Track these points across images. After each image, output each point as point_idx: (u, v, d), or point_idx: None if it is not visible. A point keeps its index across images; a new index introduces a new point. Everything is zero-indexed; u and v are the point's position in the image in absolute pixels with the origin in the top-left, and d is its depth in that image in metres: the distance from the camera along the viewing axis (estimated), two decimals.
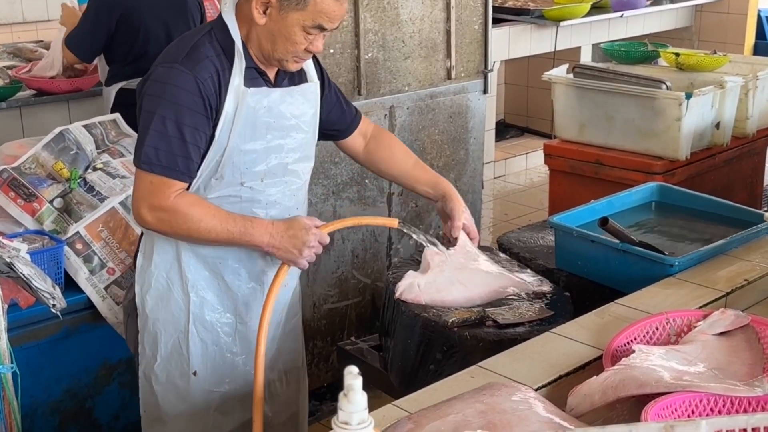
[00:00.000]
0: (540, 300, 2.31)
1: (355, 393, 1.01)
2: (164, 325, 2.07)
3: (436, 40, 3.41)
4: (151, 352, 2.10)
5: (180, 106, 1.88)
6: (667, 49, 4.39)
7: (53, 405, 2.74)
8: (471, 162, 3.66)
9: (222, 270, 2.05)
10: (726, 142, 3.94)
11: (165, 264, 2.05)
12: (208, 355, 2.08)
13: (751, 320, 1.84)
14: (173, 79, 1.89)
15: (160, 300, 2.06)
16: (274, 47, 1.94)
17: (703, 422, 1.28)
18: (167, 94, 1.89)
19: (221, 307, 2.08)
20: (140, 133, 1.94)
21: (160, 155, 1.89)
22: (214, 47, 1.94)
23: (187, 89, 1.88)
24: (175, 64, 1.90)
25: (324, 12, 1.89)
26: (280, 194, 2.07)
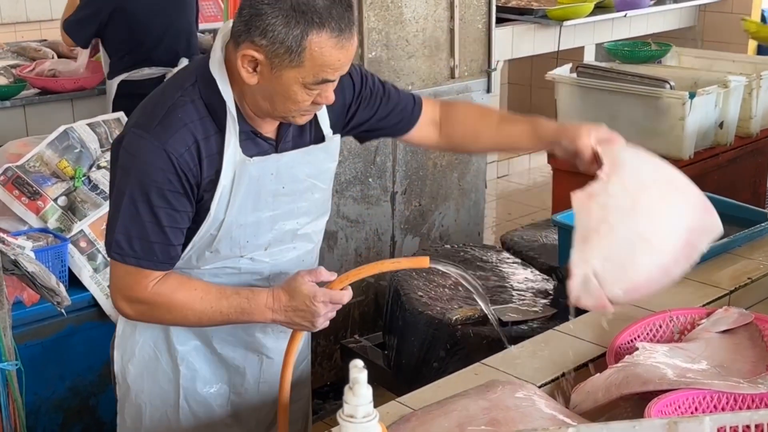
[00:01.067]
0: (543, 298, 2.32)
1: (360, 386, 1.01)
2: (150, 398, 1.85)
3: (440, 39, 3.41)
4: (134, 424, 1.88)
5: (150, 185, 1.60)
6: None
7: (57, 402, 2.75)
8: (474, 161, 3.66)
9: (212, 340, 1.83)
10: (729, 142, 3.93)
11: (152, 332, 1.82)
12: (202, 430, 1.87)
13: (754, 318, 1.84)
14: (142, 152, 1.60)
15: (146, 371, 1.84)
16: (274, 106, 1.63)
17: (707, 419, 1.29)
18: (135, 170, 1.61)
19: (214, 378, 1.86)
20: (110, 214, 1.68)
21: (133, 243, 1.64)
22: (197, 108, 1.63)
23: (158, 166, 1.60)
24: (145, 134, 1.61)
25: (326, 64, 1.57)
26: (287, 263, 1.80)
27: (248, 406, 1.88)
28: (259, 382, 1.89)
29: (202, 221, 1.68)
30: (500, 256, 2.70)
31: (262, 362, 1.87)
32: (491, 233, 4.99)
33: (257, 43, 1.56)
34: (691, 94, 3.64)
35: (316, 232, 1.86)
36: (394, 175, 3.39)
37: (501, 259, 2.68)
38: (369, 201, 3.34)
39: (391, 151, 3.36)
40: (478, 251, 2.75)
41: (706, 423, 1.28)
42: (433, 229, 3.57)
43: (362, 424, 1.03)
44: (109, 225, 1.68)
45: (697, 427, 1.28)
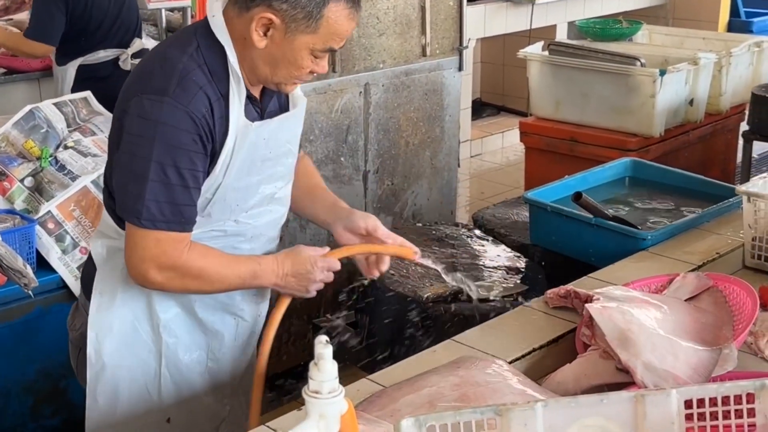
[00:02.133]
0: (515, 274, 2.33)
1: (325, 362, 1.01)
2: (129, 372, 1.84)
3: (411, 17, 3.39)
4: (107, 404, 1.86)
5: (178, 148, 1.63)
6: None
7: (27, 385, 2.72)
8: (447, 140, 3.66)
9: (194, 305, 1.85)
10: (700, 119, 3.96)
11: (131, 305, 1.82)
12: (183, 399, 1.89)
13: (713, 282, 1.86)
14: (166, 116, 1.62)
15: (124, 345, 1.83)
16: (275, 71, 1.69)
17: (674, 392, 1.29)
18: (161, 134, 1.62)
19: (194, 345, 1.88)
20: (133, 182, 1.66)
21: (163, 209, 1.65)
22: (204, 73, 1.66)
23: (184, 128, 1.63)
24: (166, 98, 1.62)
25: (337, 33, 1.66)
26: (265, 225, 1.86)
27: (223, 371, 1.92)
28: (234, 345, 1.93)
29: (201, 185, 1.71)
30: (471, 234, 2.71)
31: (237, 325, 1.91)
32: (465, 212, 4.99)
33: (275, 7, 1.62)
34: (661, 71, 3.66)
35: (287, 197, 1.91)
36: (366, 154, 3.38)
37: (472, 237, 2.69)
38: (341, 180, 3.33)
39: (363, 130, 3.35)
40: (449, 229, 2.75)
41: (672, 396, 1.29)
42: (405, 208, 3.57)
43: (328, 399, 1.02)
44: (133, 194, 1.66)
45: (665, 400, 1.28)
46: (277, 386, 3.39)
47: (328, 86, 3.19)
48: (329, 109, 3.21)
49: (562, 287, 1.96)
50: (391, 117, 3.43)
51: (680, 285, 1.90)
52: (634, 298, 1.82)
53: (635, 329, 1.67)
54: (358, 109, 3.31)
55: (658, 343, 1.64)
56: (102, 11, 3.69)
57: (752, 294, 1.78)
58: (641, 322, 1.69)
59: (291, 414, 1.53)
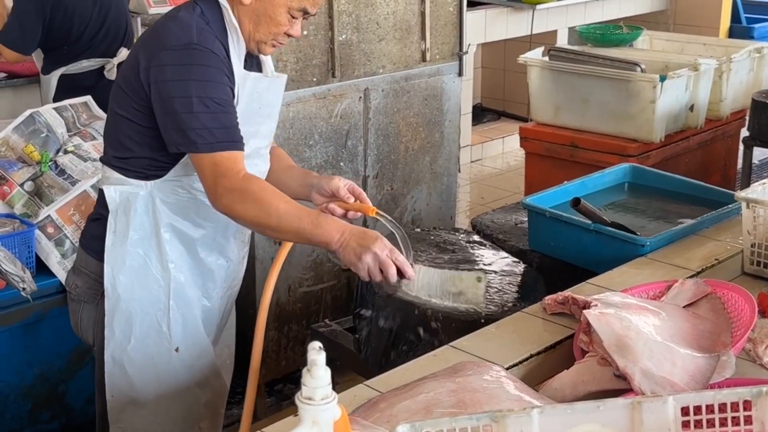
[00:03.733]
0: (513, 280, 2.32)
1: (318, 368, 1.01)
2: (141, 304, 2.01)
3: (411, 22, 3.40)
4: (123, 334, 2.03)
5: (211, 82, 1.83)
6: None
7: (25, 390, 2.72)
8: (446, 144, 3.66)
9: (197, 245, 2.02)
10: (700, 125, 3.97)
11: (142, 240, 1.98)
12: (189, 330, 2.05)
13: (711, 288, 1.86)
14: (196, 58, 1.83)
15: (136, 278, 2.00)
16: (257, 28, 1.92)
17: (670, 398, 1.29)
18: (195, 74, 1.83)
19: (194, 283, 2.05)
20: (176, 121, 1.84)
21: (214, 133, 1.82)
22: (211, 29, 1.89)
23: (213, 65, 1.84)
24: (192, 44, 1.84)
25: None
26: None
27: (213, 309, 2.11)
28: (223, 286, 2.11)
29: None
30: (470, 239, 2.70)
31: (228, 266, 2.09)
32: (465, 217, 4.99)
33: None
34: (661, 77, 3.66)
35: (268, 156, 2.10)
36: (365, 159, 3.38)
37: (471, 242, 2.68)
38: None
39: (362, 135, 3.35)
40: (448, 234, 2.75)
41: (669, 403, 1.28)
42: (405, 213, 3.57)
43: (321, 406, 1.02)
44: (181, 128, 1.83)
45: (661, 407, 1.28)
46: (276, 391, 3.39)
47: (327, 91, 3.19)
48: (329, 114, 3.22)
49: (560, 293, 1.96)
50: (391, 122, 3.43)
51: (678, 291, 1.90)
52: (632, 304, 1.81)
53: (633, 336, 1.66)
54: (358, 114, 3.31)
55: (655, 349, 1.64)
56: (84, 20, 3.60)
57: (750, 301, 1.78)
58: (639, 328, 1.69)
59: (286, 420, 1.53)
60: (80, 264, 2.09)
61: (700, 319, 1.80)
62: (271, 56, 2.10)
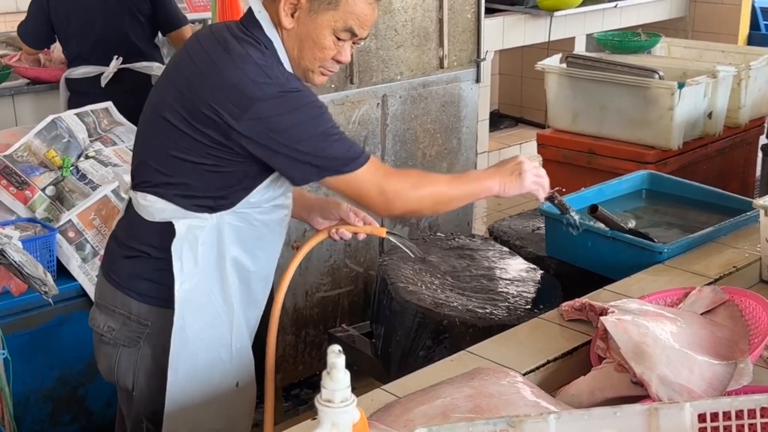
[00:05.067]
0: (530, 286, 2.33)
1: (338, 371, 1.02)
2: (206, 344, 1.93)
3: (429, 29, 3.41)
4: (187, 376, 1.93)
5: (319, 116, 1.81)
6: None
7: (46, 392, 2.75)
8: (464, 151, 3.67)
9: (251, 277, 1.97)
10: (718, 132, 3.95)
11: (206, 274, 1.90)
12: (244, 363, 2.00)
13: (729, 296, 1.86)
14: (293, 102, 1.78)
15: (203, 317, 1.92)
16: (302, 54, 1.82)
17: (687, 405, 1.29)
18: (303, 116, 1.78)
19: (243, 314, 1.99)
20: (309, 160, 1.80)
21: (351, 151, 1.83)
22: (276, 62, 1.82)
23: (309, 99, 1.80)
24: (283, 91, 1.77)
25: (356, 14, 1.79)
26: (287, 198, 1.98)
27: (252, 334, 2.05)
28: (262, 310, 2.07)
29: None
30: (488, 245, 2.71)
31: (266, 292, 2.04)
32: (482, 223, 4.99)
33: None
34: (680, 84, 3.65)
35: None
36: None
37: (488, 248, 2.69)
38: None
39: (380, 141, 3.37)
40: (465, 240, 2.76)
41: (686, 409, 1.29)
42: (422, 219, 3.58)
43: (340, 408, 1.03)
44: (317, 164, 1.81)
45: (678, 413, 1.28)
46: (293, 396, 3.41)
47: (345, 97, 3.21)
48: (347, 120, 3.23)
49: (577, 300, 1.96)
50: (408, 128, 3.45)
51: (696, 299, 1.90)
52: (650, 311, 1.81)
53: (650, 342, 1.67)
54: (376, 121, 3.33)
55: (673, 356, 1.64)
56: (79, 24, 3.60)
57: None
58: (656, 335, 1.69)
59: (304, 424, 1.54)
60: (114, 304, 1.96)
61: (717, 326, 1.80)
62: None
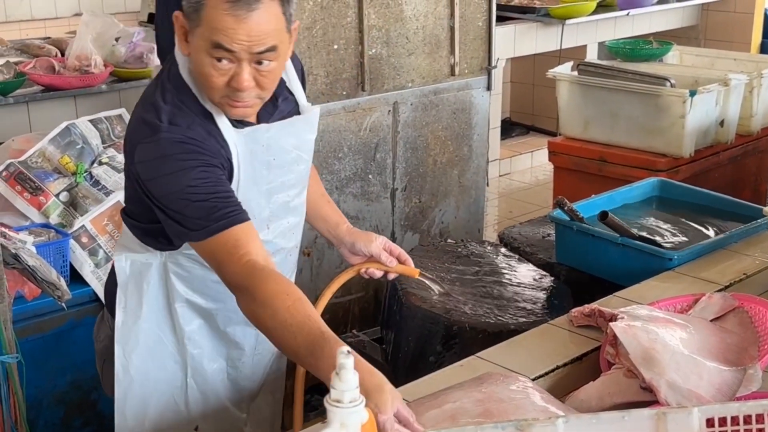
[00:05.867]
0: (540, 292, 2.33)
1: (346, 371, 1.03)
2: (156, 384, 1.86)
3: (440, 37, 3.43)
4: (136, 419, 1.86)
5: (185, 170, 1.61)
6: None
7: (58, 396, 2.77)
8: (475, 158, 3.68)
9: (216, 318, 1.86)
10: (730, 140, 3.94)
11: (156, 315, 1.83)
12: (209, 407, 1.90)
13: (738, 302, 1.86)
14: (166, 149, 1.62)
15: (151, 358, 1.84)
16: (197, 83, 1.66)
17: (695, 410, 1.30)
18: (168, 168, 1.62)
19: (216, 354, 1.89)
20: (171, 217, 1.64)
21: (205, 219, 1.60)
22: (184, 105, 1.66)
23: (184, 151, 1.62)
24: (160, 136, 1.62)
25: (218, 28, 1.55)
26: (282, 238, 1.85)
27: (243, 378, 1.94)
28: (254, 354, 1.93)
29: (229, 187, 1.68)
30: (498, 252, 2.71)
31: (257, 336, 1.87)
32: (493, 231, 4.99)
33: (182, 6, 1.60)
34: (691, 92, 3.65)
35: (302, 204, 1.89)
36: (394, 171, 3.41)
37: (498, 255, 2.70)
38: (369, 198, 3.35)
39: (391, 147, 3.38)
40: (475, 247, 2.76)
41: (694, 414, 1.29)
42: (433, 226, 3.59)
43: (349, 409, 1.04)
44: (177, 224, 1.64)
45: (686, 418, 1.29)
46: (304, 402, 3.42)
47: (357, 104, 3.23)
48: (358, 127, 3.25)
49: (586, 306, 1.96)
50: (420, 135, 3.46)
51: (706, 305, 1.90)
52: (659, 317, 1.82)
53: (659, 348, 1.67)
54: (387, 128, 3.34)
55: (682, 362, 1.64)
56: None
57: None
58: (666, 341, 1.69)
59: (316, 426, 1.55)
60: (105, 314, 1.96)
61: (727, 332, 1.80)
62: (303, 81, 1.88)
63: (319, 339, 1.47)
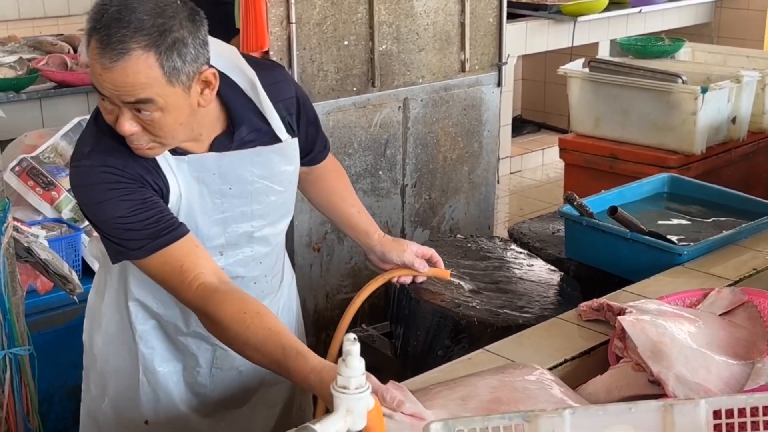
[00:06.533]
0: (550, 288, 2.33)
1: (353, 358, 1.03)
2: (114, 369, 1.87)
3: (451, 33, 3.43)
4: (98, 391, 1.91)
5: (106, 201, 1.59)
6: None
7: (70, 390, 2.78)
8: (485, 155, 3.68)
9: (166, 324, 1.84)
10: (742, 137, 3.93)
11: (115, 309, 1.84)
12: (160, 406, 1.87)
13: (747, 297, 1.85)
14: (85, 178, 1.61)
15: (111, 343, 1.87)
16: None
17: (702, 401, 1.29)
18: (88, 198, 1.62)
19: (170, 357, 1.86)
20: (108, 240, 1.64)
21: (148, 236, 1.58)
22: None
23: (103, 181, 1.59)
24: (81, 162, 1.61)
25: (92, 71, 1.52)
26: (242, 266, 1.80)
27: (202, 386, 1.89)
28: (212, 368, 1.88)
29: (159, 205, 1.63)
30: (507, 247, 2.72)
31: (215, 351, 1.85)
32: (503, 228, 4.99)
33: None
34: (703, 88, 3.64)
35: (274, 235, 1.83)
36: (404, 167, 3.41)
37: (507, 250, 2.70)
38: (379, 193, 3.36)
39: (401, 144, 3.38)
40: (485, 242, 2.77)
41: (701, 406, 1.29)
42: (443, 222, 3.59)
43: (355, 395, 1.05)
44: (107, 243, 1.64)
45: (693, 410, 1.29)
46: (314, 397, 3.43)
47: (367, 101, 3.24)
48: (368, 124, 3.26)
49: (595, 300, 1.96)
50: (430, 132, 3.46)
51: (714, 300, 1.90)
52: (667, 311, 1.82)
53: (668, 342, 1.67)
54: (397, 124, 3.35)
55: (690, 356, 1.64)
56: None
57: None
58: (674, 335, 1.69)
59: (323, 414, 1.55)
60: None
61: (735, 327, 1.80)
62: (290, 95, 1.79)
63: (281, 357, 1.46)
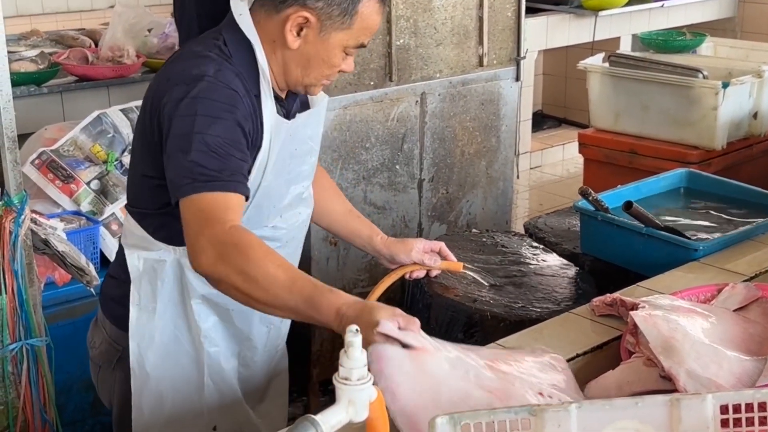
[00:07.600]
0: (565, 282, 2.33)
1: (354, 349, 1.04)
2: (172, 383, 1.82)
3: (468, 27, 3.42)
4: (153, 415, 1.84)
5: (218, 119, 1.58)
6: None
7: (87, 382, 2.78)
8: (503, 150, 3.67)
9: (232, 314, 1.81)
10: (764, 132, 3.89)
11: (172, 312, 1.79)
12: (227, 406, 1.86)
13: (762, 293, 1.84)
14: (205, 91, 1.58)
15: (167, 355, 1.81)
16: (307, 72, 1.69)
17: (709, 396, 1.29)
18: (201, 108, 1.58)
19: (230, 354, 1.86)
20: (178, 160, 1.57)
21: (206, 172, 1.55)
22: (231, 65, 1.64)
23: (224, 101, 1.59)
24: (206, 76, 1.59)
25: (369, 28, 1.68)
26: (297, 228, 1.84)
27: (254, 377, 1.92)
28: (264, 351, 1.92)
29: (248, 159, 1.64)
30: (523, 242, 2.71)
31: (269, 332, 1.90)
32: (523, 223, 4.98)
33: (311, 6, 1.63)
34: (724, 83, 3.60)
35: (311, 196, 1.89)
36: (421, 162, 3.41)
37: (523, 245, 2.69)
38: (396, 188, 3.36)
39: (418, 138, 3.38)
40: (501, 237, 2.76)
41: (708, 400, 1.28)
42: (460, 216, 3.59)
43: (356, 386, 1.05)
44: (178, 170, 1.57)
45: (700, 404, 1.28)
46: (330, 391, 3.44)
47: (384, 95, 3.24)
48: (385, 118, 3.26)
49: (608, 295, 1.96)
50: (447, 126, 3.46)
51: (729, 295, 1.88)
52: (681, 307, 1.81)
53: (679, 337, 1.66)
54: (414, 118, 3.34)
55: (702, 351, 1.63)
56: None
57: None
58: (686, 330, 1.68)
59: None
60: (100, 318, 1.94)
61: (749, 322, 1.78)
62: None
63: (312, 292, 1.49)
